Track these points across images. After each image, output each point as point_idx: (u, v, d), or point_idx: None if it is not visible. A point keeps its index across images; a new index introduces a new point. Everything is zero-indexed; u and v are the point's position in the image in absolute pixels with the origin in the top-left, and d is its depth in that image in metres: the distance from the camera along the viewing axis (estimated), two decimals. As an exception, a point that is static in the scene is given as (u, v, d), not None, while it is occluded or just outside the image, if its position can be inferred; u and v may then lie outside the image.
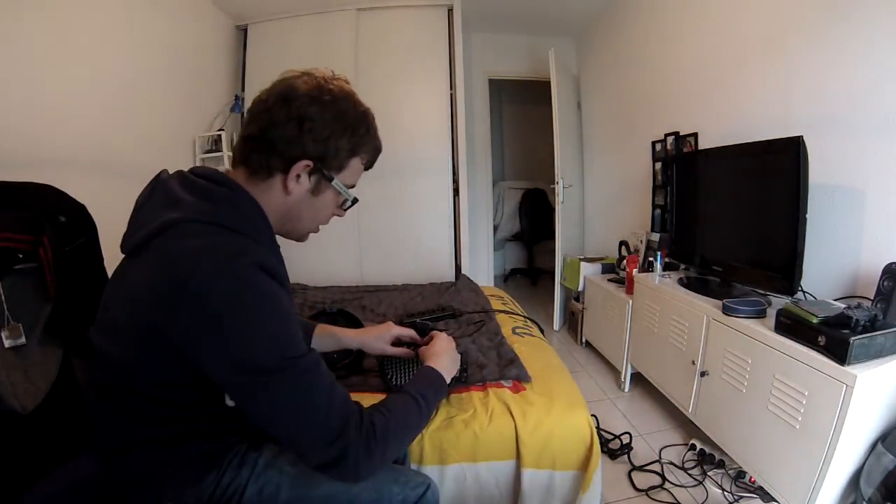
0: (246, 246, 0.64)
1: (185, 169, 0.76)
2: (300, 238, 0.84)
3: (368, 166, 0.84)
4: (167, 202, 0.68)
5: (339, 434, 0.64)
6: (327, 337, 1.12)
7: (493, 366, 1.48)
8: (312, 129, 0.71)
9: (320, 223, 0.84)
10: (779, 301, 1.59)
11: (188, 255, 0.59)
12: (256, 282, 0.61)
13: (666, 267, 2.26)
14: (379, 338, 1.13)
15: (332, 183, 0.77)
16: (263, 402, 0.62)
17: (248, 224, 0.71)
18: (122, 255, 0.73)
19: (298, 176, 0.74)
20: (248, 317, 0.59)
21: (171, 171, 0.76)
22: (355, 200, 0.83)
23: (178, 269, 0.59)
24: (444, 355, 0.98)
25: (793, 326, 1.30)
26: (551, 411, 1.27)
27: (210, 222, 0.66)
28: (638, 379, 2.28)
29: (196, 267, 0.58)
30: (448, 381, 0.95)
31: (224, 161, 2.79)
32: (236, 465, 0.80)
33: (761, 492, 1.46)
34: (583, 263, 2.92)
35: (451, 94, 3.15)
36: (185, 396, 0.71)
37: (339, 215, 0.85)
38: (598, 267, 2.88)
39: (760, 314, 1.49)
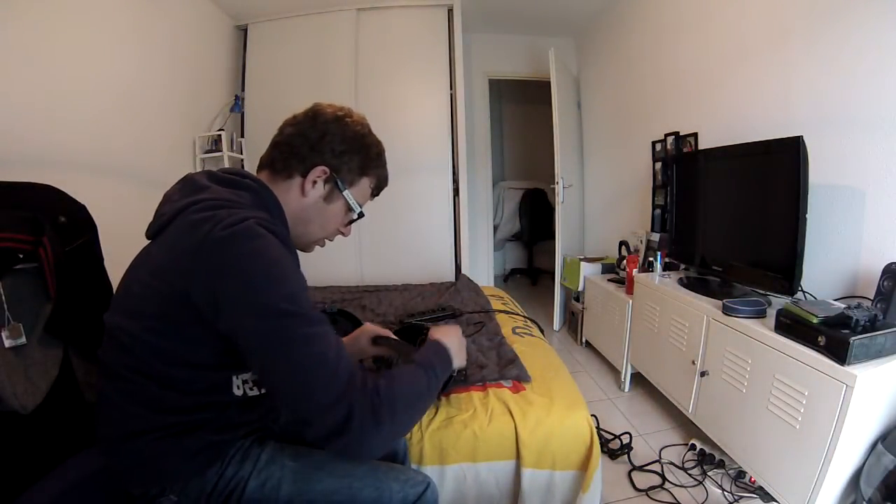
0: (262, 216, 0.70)
1: (193, 170, 0.81)
2: (306, 246, 0.89)
3: (375, 193, 0.93)
4: (193, 191, 0.74)
5: (344, 391, 0.63)
6: None
7: (493, 366, 1.48)
8: (332, 141, 0.82)
9: (327, 235, 0.90)
10: (779, 301, 1.59)
11: (207, 220, 0.64)
12: (271, 240, 0.65)
13: (666, 267, 2.26)
14: (355, 344, 1.10)
15: (344, 193, 0.85)
16: (275, 352, 0.62)
17: (268, 212, 0.76)
18: (124, 256, 0.76)
19: (315, 182, 0.82)
20: (263, 263, 0.63)
21: (175, 172, 0.83)
22: (361, 215, 0.90)
23: (198, 231, 0.63)
24: (452, 337, 0.93)
25: (793, 326, 1.30)
26: (551, 411, 1.27)
27: (232, 201, 0.71)
28: (638, 379, 2.28)
29: (214, 227, 0.63)
30: (454, 364, 0.90)
31: (224, 161, 2.79)
32: (239, 459, 0.80)
33: (761, 492, 1.46)
34: (583, 263, 2.92)
35: (451, 94, 3.15)
36: (194, 380, 0.72)
37: (343, 234, 0.92)
38: (598, 267, 2.88)
39: (760, 314, 1.49)
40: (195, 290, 0.63)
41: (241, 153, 3.08)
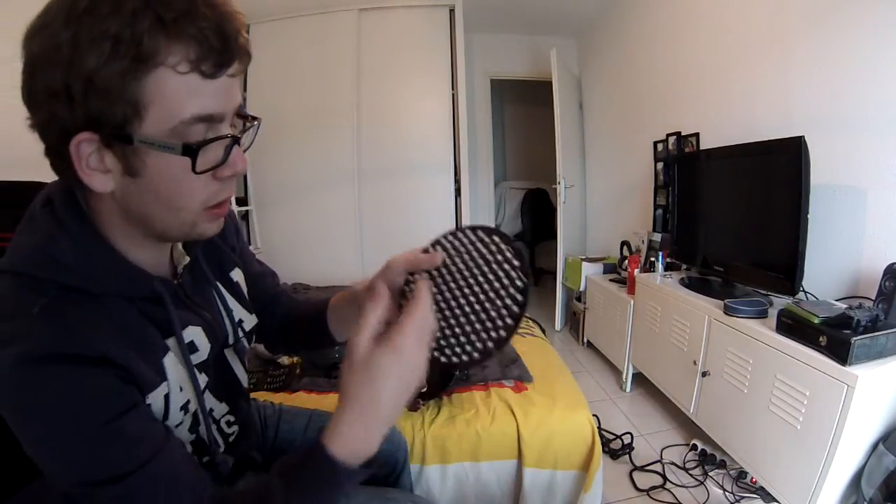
0: (29, 326, 0.43)
1: None
2: (198, 233, 0.52)
3: (215, 64, 0.44)
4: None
5: None
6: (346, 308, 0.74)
7: (494, 365, 1.48)
8: (48, 78, 0.44)
9: (199, 200, 0.49)
10: (780, 301, 1.59)
11: None
12: (35, 387, 0.42)
13: (667, 267, 2.26)
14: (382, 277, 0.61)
15: (137, 144, 0.43)
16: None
17: (61, 267, 0.47)
18: None
19: (88, 161, 0.45)
20: (32, 428, 0.44)
21: None
22: (234, 139, 0.48)
23: None
24: (378, 395, 0.46)
25: (794, 327, 1.30)
26: (553, 411, 1.27)
27: (15, 271, 0.47)
28: (639, 379, 2.28)
29: None
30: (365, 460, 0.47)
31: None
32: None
33: (762, 492, 1.46)
34: (584, 263, 2.92)
35: (453, 95, 3.15)
36: None
37: (231, 173, 0.50)
38: (599, 267, 2.88)
39: (762, 314, 1.50)
40: None
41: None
